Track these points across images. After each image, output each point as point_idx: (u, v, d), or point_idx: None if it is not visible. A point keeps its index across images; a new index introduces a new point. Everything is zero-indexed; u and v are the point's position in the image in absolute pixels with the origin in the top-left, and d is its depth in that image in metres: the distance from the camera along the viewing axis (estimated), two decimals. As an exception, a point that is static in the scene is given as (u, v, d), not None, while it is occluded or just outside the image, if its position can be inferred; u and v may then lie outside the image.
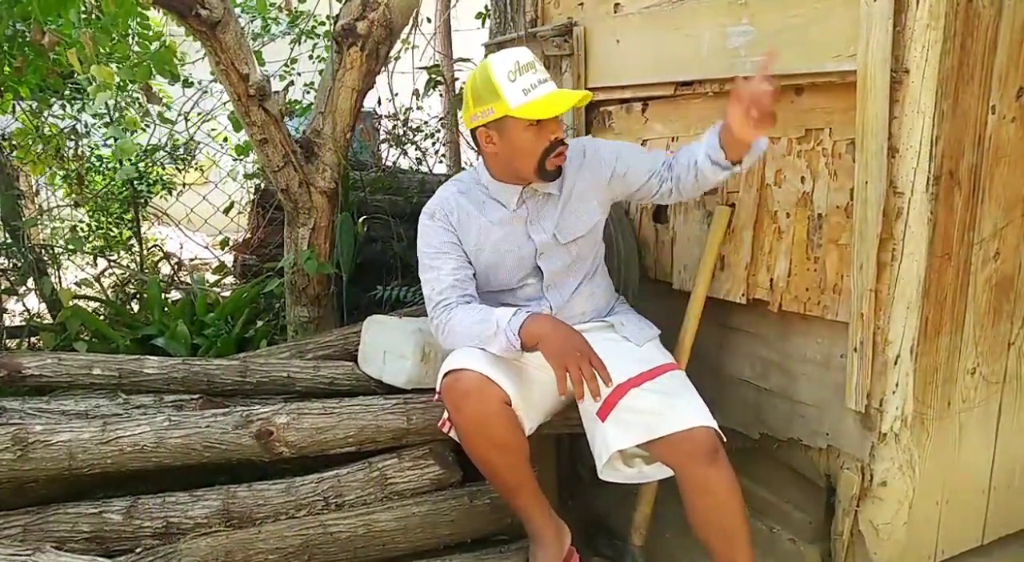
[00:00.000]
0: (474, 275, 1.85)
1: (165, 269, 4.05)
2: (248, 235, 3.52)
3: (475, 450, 1.72)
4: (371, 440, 1.88)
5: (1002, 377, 1.85)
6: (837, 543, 1.83)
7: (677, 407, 1.65)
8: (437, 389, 1.74)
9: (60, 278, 3.65)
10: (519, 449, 1.70)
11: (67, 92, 3.51)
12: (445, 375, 1.70)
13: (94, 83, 2.43)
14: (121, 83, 3.25)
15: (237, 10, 3.63)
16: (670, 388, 1.70)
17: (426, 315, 2.36)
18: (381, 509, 1.84)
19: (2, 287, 3.31)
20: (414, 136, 3.77)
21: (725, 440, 1.64)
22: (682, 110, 2.11)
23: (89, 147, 3.99)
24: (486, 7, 3.25)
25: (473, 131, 1.79)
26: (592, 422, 1.72)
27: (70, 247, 3.69)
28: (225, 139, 4.02)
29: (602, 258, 1.97)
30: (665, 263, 2.24)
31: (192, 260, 4.52)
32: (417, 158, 3.78)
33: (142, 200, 4.09)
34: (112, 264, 3.93)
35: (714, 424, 1.62)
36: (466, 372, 1.66)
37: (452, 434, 1.79)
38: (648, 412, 1.64)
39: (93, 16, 2.68)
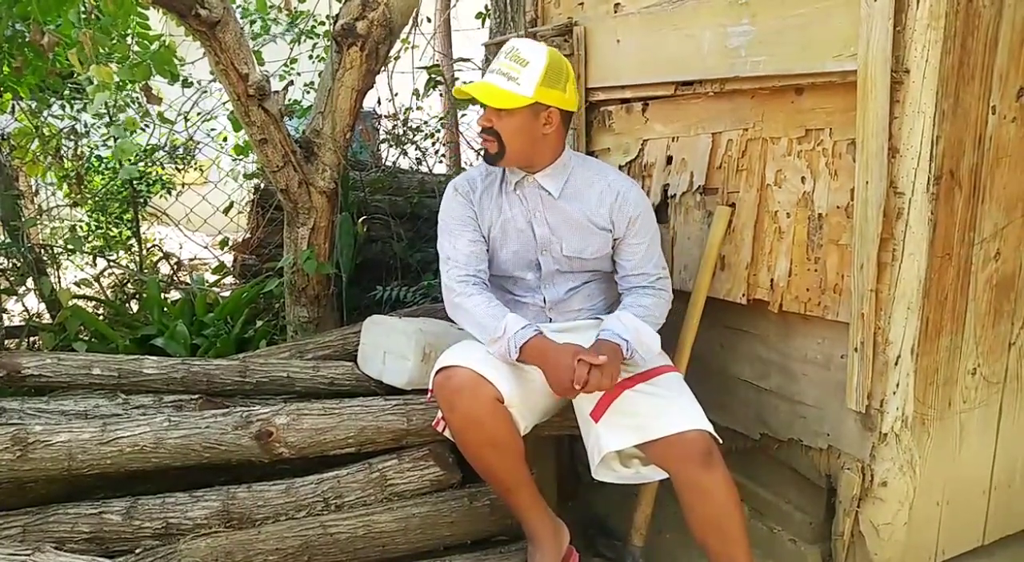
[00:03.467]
0: (487, 250, 1.88)
1: (164, 269, 4.05)
2: (248, 235, 3.53)
3: (469, 448, 1.72)
4: (371, 441, 1.88)
5: (1003, 378, 1.85)
6: (838, 543, 1.83)
7: (670, 410, 1.65)
8: (430, 387, 1.74)
9: (59, 278, 3.64)
10: (513, 447, 1.71)
11: (67, 92, 3.50)
12: (438, 372, 1.71)
13: (93, 83, 2.42)
14: (120, 83, 3.25)
15: (237, 10, 3.62)
16: (664, 390, 1.70)
17: (425, 315, 2.37)
18: (381, 510, 1.84)
19: (1, 287, 3.31)
20: (414, 136, 3.77)
21: (721, 442, 1.63)
22: (682, 110, 2.11)
23: (89, 147, 3.98)
24: (486, 7, 3.25)
25: None
26: (586, 423, 1.72)
27: (69, 247, 3.69)
28: (225, 139, 4.02)
29: (611, 266, 1.95)
30: (665, 263, 2.23)
31: (191, 260, 4.52)
32: (417, 158, 3.79)
33: (141, 200, 4.09)
34: (111, 264, 3.93)
35: (708, 427, 1.62)
36: (459, 369, 1.67)
37: (446, 433, 1.79)
38: (641, 414, 1.64)
39: (93, 16, 2.67)
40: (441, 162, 4.16)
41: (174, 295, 3.59)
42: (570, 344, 1.68)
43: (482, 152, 1.82)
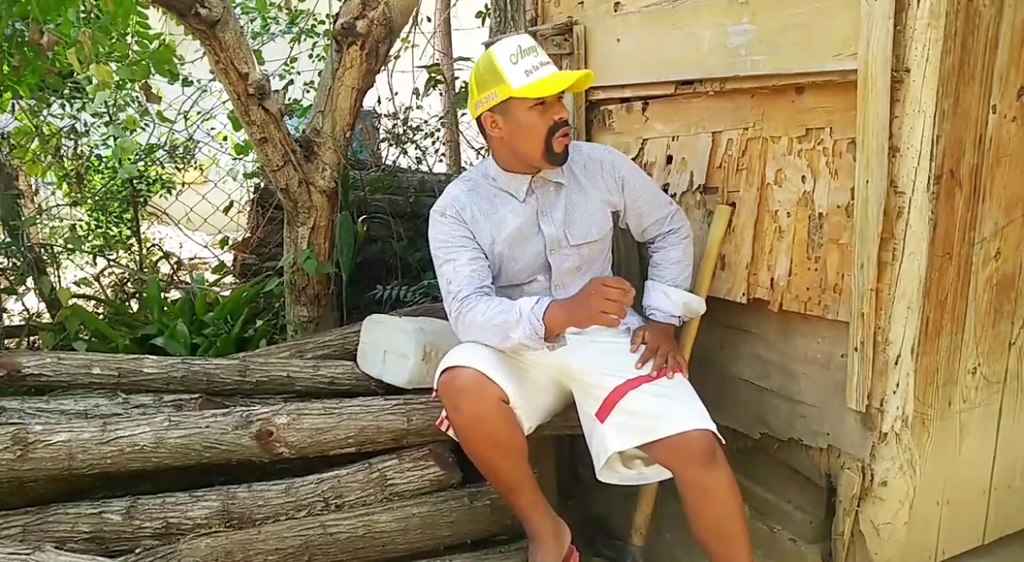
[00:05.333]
0: (489, 266, 1.83)
1: (164, 268, 4.05)
2: (248, 234, 3.52)
3: (473, 448, 1.72)
4: (371, 441, 1.88)
5: (1003, 377, 1.84)
6: (838, 543, 1.83)
7: (675, 409, 1.64)
8: (434, 386, 1.74)
9: (59, 277, 3.64)
10: (517, 448, 1.70)
11: (66, 91, 3.50)
12: (443, 372, 1.70)
13: (93, 82, 2.42)
14: (120, 82, 3.25)
15: (236, 9, 3.62)
16: (669, 390, 1.70)
17: (425, 315, 2.37)
18: (381, 510, 1.84)
19: (1, 286, 3.31)
20: (414, 135, 3.77)
21: (724, 442, 1.63)
22: (682, 109, 2.11)
23: (89, 146, 3.98)
24: (486, 6, 3.25)
25: (479, 119, 1.79)
26: (591, 423, 1.72)
27: (69, 246, 3.69)
28: (225, 138, 4.02)
29: (610, 261, 1.97)
30: (665, 263, 2.23)
31: (191, 259, 4.51)
32: (417, 157, 3.78)
33: (141, 199, 4.09)
34: (111, 263, 3.93)
35: (712, 426, 1.62)
36: (464, 369, 1.66)
37: (450, 433, 1.79)
38: (646, 414, 1.64)
39: (92, 15, 2.67)
40: (441, 161, 4.16)
41: (174, 294, 3.59)
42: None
43: (561, 150, 1.74)
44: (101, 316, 3.19)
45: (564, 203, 1.84)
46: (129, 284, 3.79)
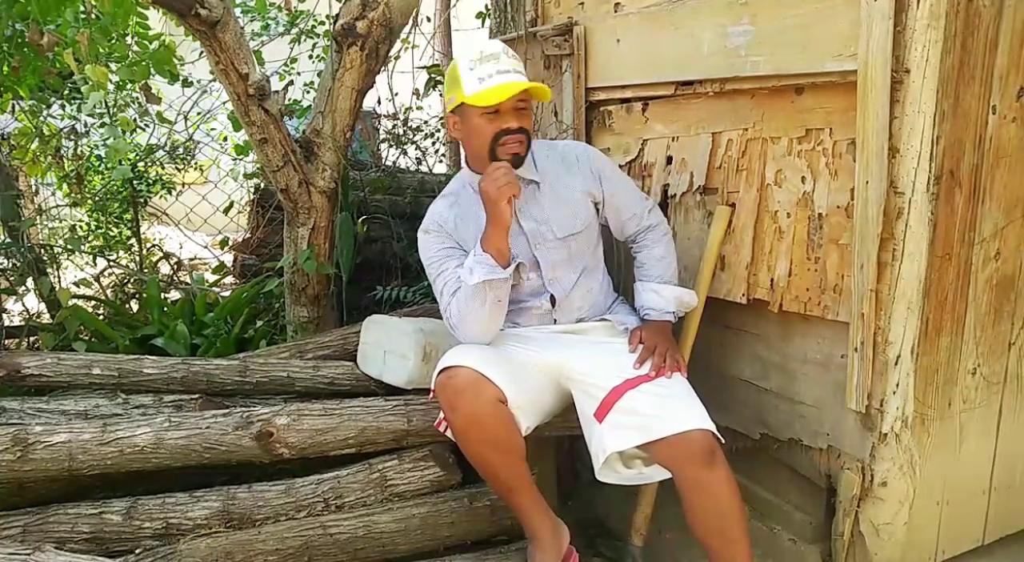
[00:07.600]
0: None
1: (164, 269, 4.05)
2: (248, 235, 3.52)
3: (470, 449, 1.72)
4: (371, 441, 1.88)
5: (1003, 378, 1.84)
6: (838, 543, 1.83)
7: (674, 409, 1.64)
8: (432, 387, 1.74)
9: (59, 278, 3.64)
10: (515, 448, 1.70)
11: (66, 92, 3.50)
12: (440, 373, 1.70)
13: (89, 83, 2.42)
14: (120, 83, 3.25)
15: (236, 10, 3.62)
16: (667, 390, 1.70)
17: (425, 315, 2.37)
18: (381, 511, 1.84)
19: (1, 287, 3.31)
20: (414, 136, 3.77)
21: (724, 442, 1.63)
22: (682, 110, 2.11)
23: (88, 147, 3.98)
24: (486, 6, 3.24)
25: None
26: (589, 423, 1.72)
27: (69, 247, 3.69)
28: (225, 139, 4.02)
29: (601, 256, 1.97)
30: (665, 263, 2.23)
31: (191, 260, 4.52)
32: (417, 158, 3.78)
33: (141, 200, 4.08)
34: (111, 264, 3.93)
35: (711, 426, 1.62)
36: (461, 369, 1.66)
37: (448, 434, 1.78)
38: (645, 414, 1.64)
39: (92, 16, 2.67)
40: (441, 162, 4.16)
41: (174, 295, 3.59)
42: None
43: (508, 158, 1.73)
44: (101, 316, 3.19)
45: (544, 200, 1.85)
46: (129, 285, 3.79)
